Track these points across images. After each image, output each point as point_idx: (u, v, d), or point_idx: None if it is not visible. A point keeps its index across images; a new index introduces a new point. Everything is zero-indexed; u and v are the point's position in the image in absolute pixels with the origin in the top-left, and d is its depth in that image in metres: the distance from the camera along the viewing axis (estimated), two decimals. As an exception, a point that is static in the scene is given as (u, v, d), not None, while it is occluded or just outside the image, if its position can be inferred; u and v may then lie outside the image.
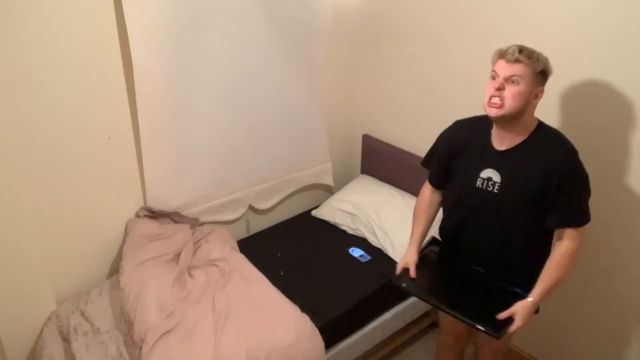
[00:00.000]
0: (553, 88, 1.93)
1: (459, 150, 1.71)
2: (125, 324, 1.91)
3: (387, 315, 2.32)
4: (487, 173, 1.63)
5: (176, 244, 2.19)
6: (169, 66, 2.07)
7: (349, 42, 2.77)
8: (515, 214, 1.62)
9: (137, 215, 2.27)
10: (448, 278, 1.84)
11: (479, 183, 1.65)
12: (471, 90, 2.23)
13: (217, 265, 2.13)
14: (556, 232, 1.64)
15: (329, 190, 3.08)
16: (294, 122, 2.66)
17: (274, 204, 2.81)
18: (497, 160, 1.62)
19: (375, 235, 2.51)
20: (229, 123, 2.39)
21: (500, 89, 1.48)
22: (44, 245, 1.97)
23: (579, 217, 1.57)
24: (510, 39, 2.03)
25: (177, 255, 2.16)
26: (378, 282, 2.25)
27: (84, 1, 1.83)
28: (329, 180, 3.00)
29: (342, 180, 3.04)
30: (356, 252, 2.51)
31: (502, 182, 1.61)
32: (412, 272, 1.77)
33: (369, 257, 2.45)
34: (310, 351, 1.83)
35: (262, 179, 2.68)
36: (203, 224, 2.43)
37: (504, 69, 1.48)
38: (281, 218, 2.87)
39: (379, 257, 2.45)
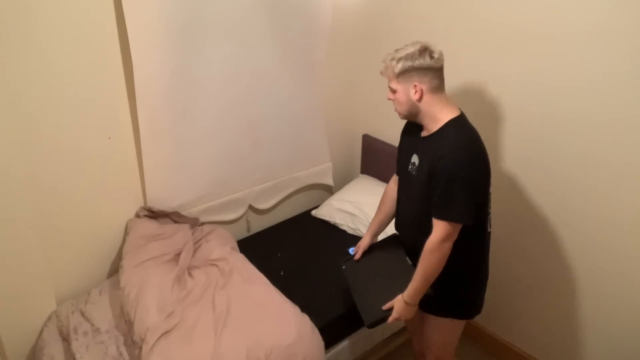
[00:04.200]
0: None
1: (405, 140, 1.84)
2: (125, 324, 1.91)
3: (387, 315, 2.31)
4: (414, 158, 1.73)
5: (176, 244, 2.19)
6: (169, 66, 2.07)
7: (349, 42, 2.77)
8: (420, 198, 1.68)
9: (137, 215, 2.27)
10: (379, 263, 1.93)
11: (410, 167, 1.75)
12: (471, 89, 2.23)
13: (217, 265, 2.13)
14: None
15: (329, 190, 3.09)
16: (294, 122, 2.66)
17: (274, 204, 2.81)
18: (418, 145, 1.72)
19: (375, 235, 2.51)
20: (229, 123, 2.39)
21: (390, 99, 1.68)
22: (44, 245, 1.97)
23: (444, 210, 1.57)
24: (511, 39, 2.05)
25: (177, 255, 2.16)
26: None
27: (83, 1, 1.83)
28: (329, 180, 3.00)
29: (342, 180, 3.04)
30: (356, 252, 2.50)
31: (417, 166, 1.70)
32: (357, 255, 1.97)
33: (369, 257, 2.45)
34: (310, 351, 1.83)
35: (262, 179, 2.69)
36: (203, 224, 2.43)
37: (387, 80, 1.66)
38: (281, 218, 2.87)
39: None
